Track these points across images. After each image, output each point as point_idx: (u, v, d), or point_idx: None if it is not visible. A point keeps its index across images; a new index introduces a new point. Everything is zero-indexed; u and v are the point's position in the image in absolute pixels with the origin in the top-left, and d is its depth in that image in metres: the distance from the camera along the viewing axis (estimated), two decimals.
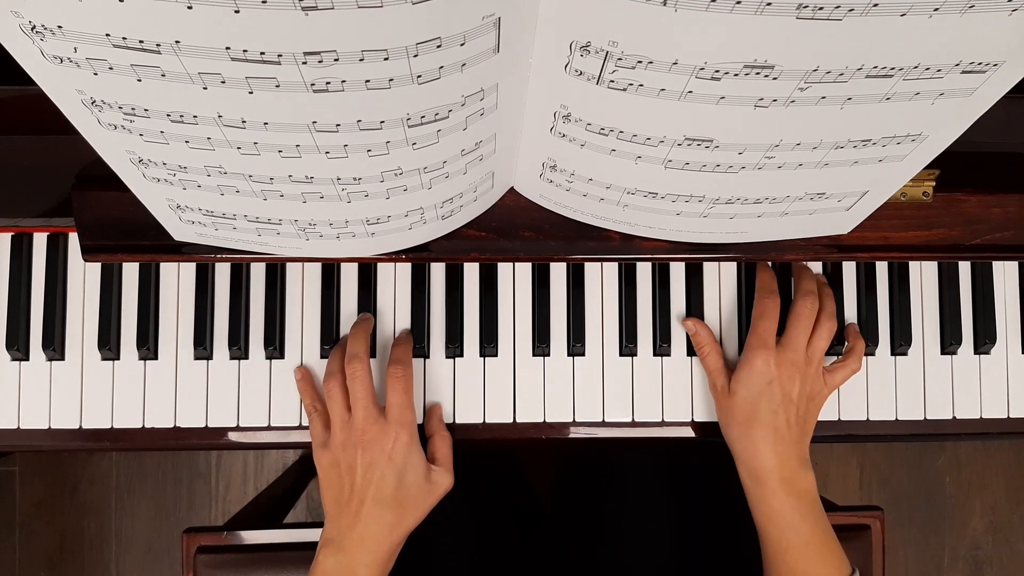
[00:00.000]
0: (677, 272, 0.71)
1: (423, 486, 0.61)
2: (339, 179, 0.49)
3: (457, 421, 0.69)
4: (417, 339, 0.69)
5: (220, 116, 0.42)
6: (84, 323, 0.69)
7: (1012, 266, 0.73)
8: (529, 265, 0.70)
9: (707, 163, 0.50)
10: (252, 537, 0.78)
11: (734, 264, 0.71)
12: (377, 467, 0.59)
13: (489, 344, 0.69)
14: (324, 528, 0.61)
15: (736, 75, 0.40)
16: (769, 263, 0.70)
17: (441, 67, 0.40)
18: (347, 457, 0.60)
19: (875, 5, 0.35)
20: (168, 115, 0.42)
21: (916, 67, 0.40)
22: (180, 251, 0.62)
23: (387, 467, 0.59)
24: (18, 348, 0.68)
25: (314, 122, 0.42)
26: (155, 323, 0.69)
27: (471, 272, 0.70)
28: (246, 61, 0.37)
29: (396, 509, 0.59)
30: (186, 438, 0.68)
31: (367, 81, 0.39)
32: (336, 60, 0.37)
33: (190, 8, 0.33)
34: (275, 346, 0.68)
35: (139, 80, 0.39)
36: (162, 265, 0.69)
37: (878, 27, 0.37)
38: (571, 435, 0.70)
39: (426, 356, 0.69)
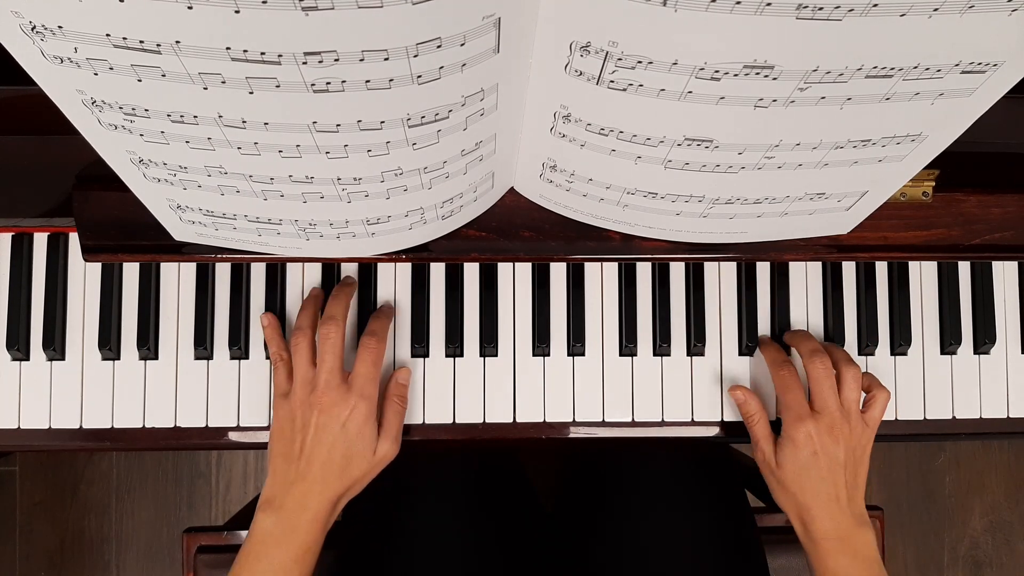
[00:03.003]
0: (677, 272, 0.71)
1: (369, 458, 0.61)
2: (339, 179, 0.49)
3: (457, 421, 0.69)
4: (417, 339, 0.69)
5: (220, 116, 0.42)
6: (84, 323, 0.69)
7: (1012, 266, 0.73)
8: (529, 265, 0.70)
9: (707, 163, 0.50)
10: None
11: (734, 264, 0.71)
12: (329, 432, 0.59)
13: (489, 344, 0.69)
14: (266, 485, 0.61)
15: (736, 75, 0.40)
16: (769, 337, 0.71)
17: (441, 67, 0.40)
18: (303, 415, 0.60)
19: (875, 5, 0.35)
20: (168, 115, 0.42)
21: (916, 67, 0.40)
22: (180, 251, 0.62)
23: (339, 434, 0.59)
24: (18, 348, 0.68)
25: (314, 122, 0.42)
26: (155, 323, 0.69)
27: (471, 272, 0.70)
28: (246, 61, 0.37)
29: (339, 475, 0.60)
30: (186, 438, 0.68)
31: (367, 81, 0.39)
32: (336, 60, 0.37)
33: (190, 8, 0.33)
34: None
35: (139, 80, 0.39)
36: (162, 265, 0.69)
37: (878, 27, 0.37)
38: (571, 435, 0.70)
39: (426, 356, 0.69)
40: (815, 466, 0.61)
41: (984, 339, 0.72)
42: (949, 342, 0.72)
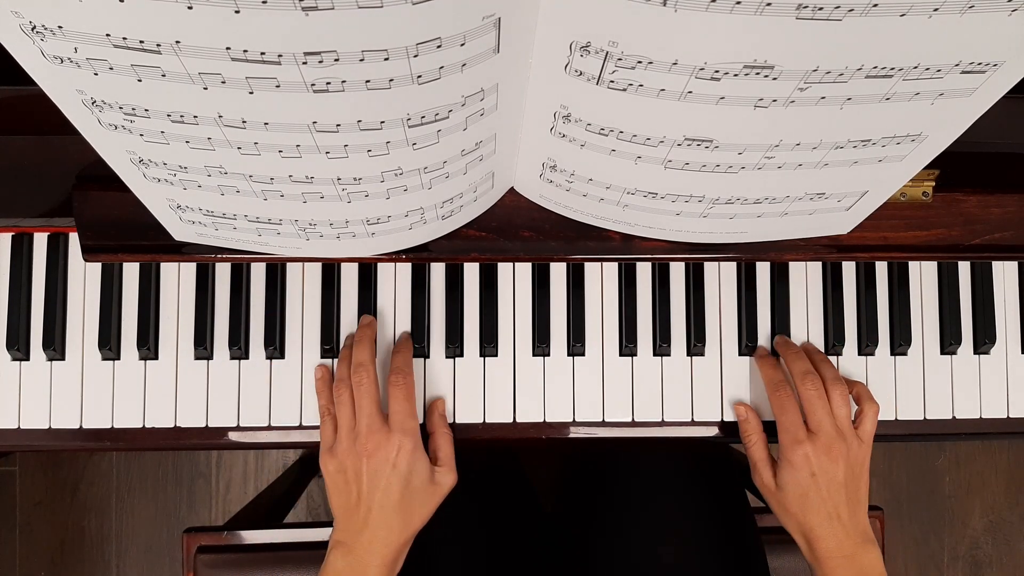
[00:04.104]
0: (677, 272, 0.71)
1: (428, 488, 0.62)
2: (339, 179, 0.49)
3: (457, 421, 0.69)
4: (417, 339, 0.69)
5: (220, 116, 0.42)
6: (84, 323, 0.69)
7: (1012, 266, 0.73)
8: (529, 265, 0.70)
9: (707, 163, 0.50)
10: (252, 537, 0.78)
11: (734, 264, 0.71)
12: (382, 475, 0.60)
13: (489, 344, 0.69)
14: (334, 530, 0.62)
15: (736, 75, 0.40)
16: (768, 351, 0.70)
17: (441, 67, 0.40)
18: (352, 465, 0.61)
19: (875, 5, 0.36)
20: (168, 115, 0.42)
21: (916, 67, 0.40)
22: (180, 251, 0.62)
23: (392, 475, 0.60)
24: (18, 348, 0.68)
25: (314, 122, 0.42)
26: (155, 323, 0.69)
27: (471, 272, 0.70)
28: (246, 61, 0.37)
29: (402, 513, 0.60)
30: (186, 438, 0.68)
31: (367, 81, 0.39)
32: (336, 60, 0.37)
33: (190, 8, 0.33)
34: (275, 346, 0.68)
35: (139, 80, 0.39)
36: (162, 265, 0.69)
37: (878, 27, 0.37)
38: (571, 435, 0.70)
39: (426, 356, 0.69)
40: (814, 487, 0.61)
41: (984, 339, 0.72)
42: (949, 342, 0.72)
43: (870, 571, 0.61)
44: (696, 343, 0.70)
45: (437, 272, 0.70)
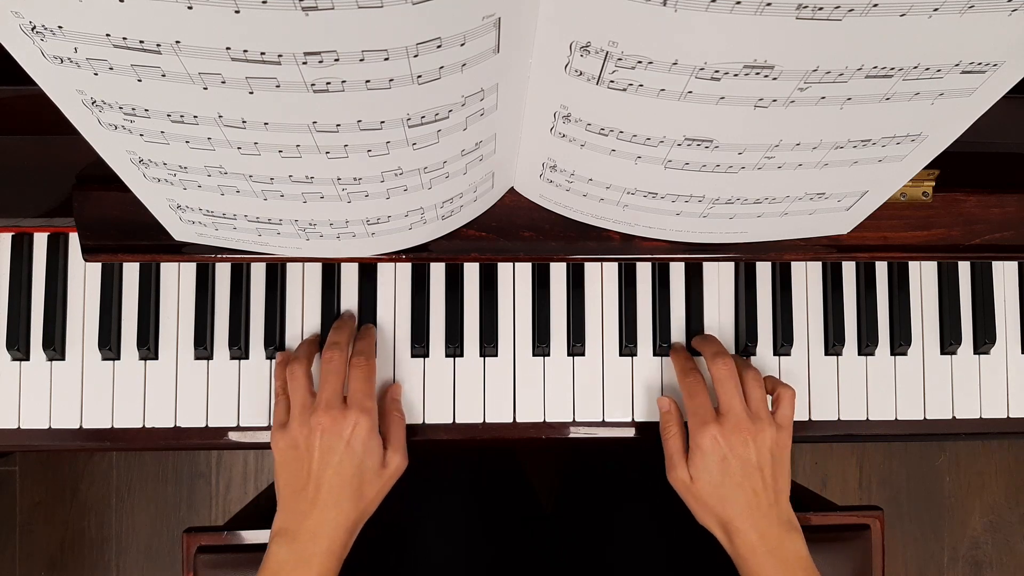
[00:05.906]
0: (677, 272, 0.71)
1: (379, 471, 0.60)
2: (339, 179, 0.49)
3: (457, 421, 0.69)
4: (417, 339, 0.69)
5: (220, 116, 0.42)
6: (84, 323, 0.69)
7: (1012, 266, 0.73)
8: (529, 265, 0.70)
9: (707, 163, 0.50)
10: (252, 537, 0.78)
11: (734, 264, 0.71)
12: (335, 452, 0.58)
13: (489, 344, 0.69)
14: (276, 516, 0.59)
15: (736, 75, 0.41)
16: (683, 345, 0.70)
17: (441, 67, 0.40)
18: (305, 438, 0.59)
19: (875, 5, 0.36)
20: (168, 115, 0.42)
21: (916, 67, 0.40)
22: (180, 251, 0.62)
23: (345, 453, 0.58)
24: (18, 348, 0.68)
25: (314, 122, 0.42)
26: (155, 323, 0.69)
27: (471, 272, 0.70)
28: (246, 61, 0.37)
29: (353, 496, 0.58)
30: (186, 438, 0.68)
31: (367, 81, 0.39)
32: (336, 60, 0.37)
33: (190, 8, 0.33)
34: (275, 346, 0.68)
35: (139, 80, 0.39)
36: (162, 265, 0.69)
37: (878, 27, 0.37)
38: (571, 435, 0.70)
39: (426, 356, 0.69)
40: (727, 472, 0.59)
41: (984, 339, 0.72)
42: (949, 342, 0.72)
43: (795, 561, 0.58)
44: None
45: (437, 272, 0.70)
